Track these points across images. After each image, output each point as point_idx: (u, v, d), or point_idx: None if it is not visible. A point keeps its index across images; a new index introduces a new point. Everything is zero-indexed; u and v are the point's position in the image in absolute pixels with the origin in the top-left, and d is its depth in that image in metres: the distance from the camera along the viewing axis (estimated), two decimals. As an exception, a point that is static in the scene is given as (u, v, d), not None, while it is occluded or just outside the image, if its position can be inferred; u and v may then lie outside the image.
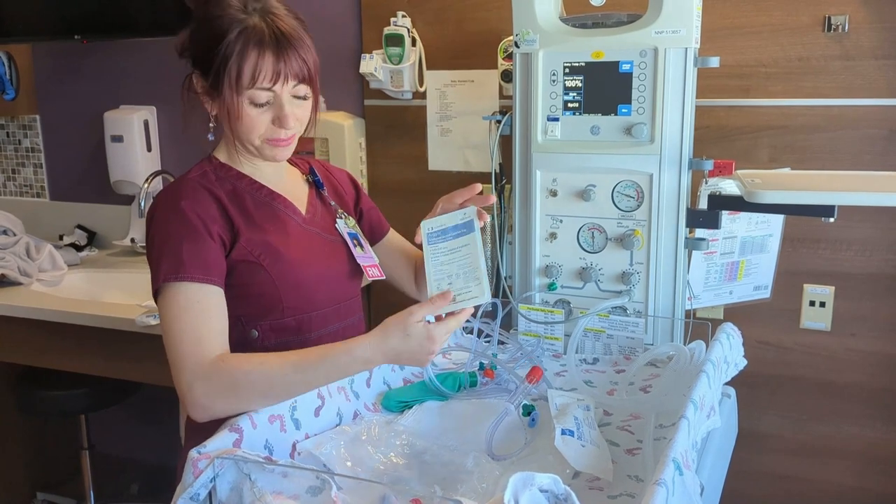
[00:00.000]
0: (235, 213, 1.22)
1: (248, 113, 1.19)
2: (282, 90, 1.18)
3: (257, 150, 1.23)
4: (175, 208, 1.18)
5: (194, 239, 1.16)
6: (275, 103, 1.19)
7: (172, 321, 1.12)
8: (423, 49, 2.08)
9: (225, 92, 1.17)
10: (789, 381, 1.93)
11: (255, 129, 1.20)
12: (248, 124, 1.19)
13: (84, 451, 2.45)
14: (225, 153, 1.29)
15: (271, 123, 1.20)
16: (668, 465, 0.90)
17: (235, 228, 1.21)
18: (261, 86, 1.17)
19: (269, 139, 1.21)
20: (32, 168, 2.71)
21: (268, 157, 1.24)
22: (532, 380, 1.30)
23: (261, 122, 1.20)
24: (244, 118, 1.19)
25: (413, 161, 2.16)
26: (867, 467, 1.90)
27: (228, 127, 1.22)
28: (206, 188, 1.22)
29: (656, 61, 1.51)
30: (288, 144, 1.24)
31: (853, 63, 1.76)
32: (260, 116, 1.19)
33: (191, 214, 1.17)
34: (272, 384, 1.07)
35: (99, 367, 2.01)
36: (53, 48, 2.56)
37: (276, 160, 1.26)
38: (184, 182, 1.23)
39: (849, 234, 1.82)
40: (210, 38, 1.17)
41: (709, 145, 1.84)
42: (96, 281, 2.29)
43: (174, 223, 1.17)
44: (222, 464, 0.94)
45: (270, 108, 1.20)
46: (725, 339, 1.35)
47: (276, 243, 1.23)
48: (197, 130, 1.26)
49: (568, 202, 1.62)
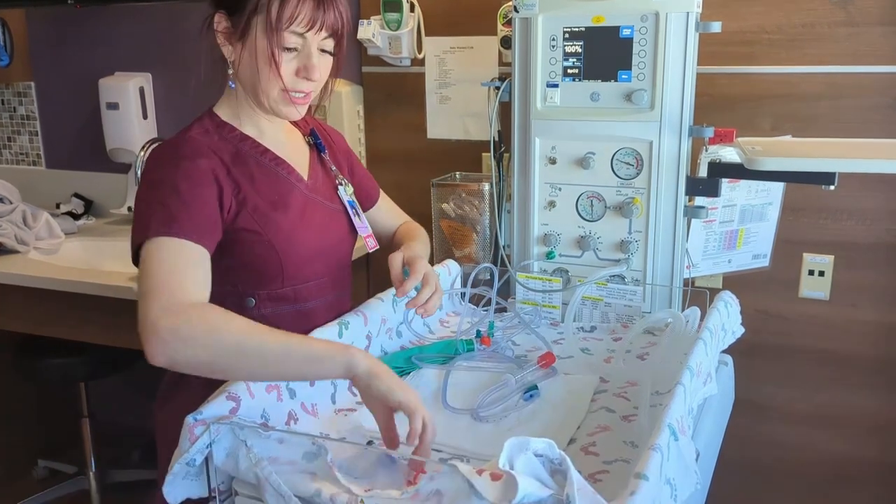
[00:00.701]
0: (241, 177, 1.18)
1: (276, 55, 1.14)
2: (313, 39, 1.15)
3: (272, 103, 1.18)
4: (180, 164, 1.12)
5: (196, 197, 1.11)
6: (302, 52, 1.16)
7: (148, 269, 1.03)
8: (421, 15, 2.05)
9: (254, 32, 1.13)
10: (787, 350, 1.93)
11: (279, 74, 1.15)
12: (275, 70, 1.15)
13: (84, 418, 2.46)
14: (227, 110, 1.24)
15: (294, 74, 1.16)
16: (663, 430, 0.90)
17: (242, 195, 1.17)
18: (295, 29, 1.13)
19: (290, 90, 1.17)
20: (28, 136, 2.69)
21: (281, 112, 1.20)
22: (543, 364, 1.29)
23: (284, 71, 1.15)
24: (273, 63, 1.14)
25: (412, 129, 2.14)
26: (865, 435, 1.91)
27: (253, 72, 1.16)
28: (210, 148, 1.17)
29: (657, 26, 1.49)
30: (305, 102, 1.20)
31: (858, 29, 1.73)
32: (285, 63, 1.15)
33: (198, 174, 1.12)
34: (235, 351, 0.97)
35: (97, 335, 2.01)
36: (47, 14, 2.53)
37: (288, 118, 1.22)
38: (187, 139, 1.17)
39: (849, 204, 1.81)
40: None
41: (710, 113, 1.82)
42: (93, 249, 2.29)
43: (178, 179, 1.11)
44: (218, 430, 0.95)
45: (297, 57, 1.16)
46: (723, 306, 1.35)
47: (280, 212, 1.20)
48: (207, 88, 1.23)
49: (567, 170, 1.61)
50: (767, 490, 2.03)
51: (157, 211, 1.08)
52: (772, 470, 2.01)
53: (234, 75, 1.20)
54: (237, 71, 1.19)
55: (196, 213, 1.10)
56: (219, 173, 1.15)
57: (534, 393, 1.20)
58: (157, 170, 1.14)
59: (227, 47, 1.18)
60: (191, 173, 1.12)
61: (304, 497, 0.90)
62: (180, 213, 1.08)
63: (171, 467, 0.95)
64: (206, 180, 1.13)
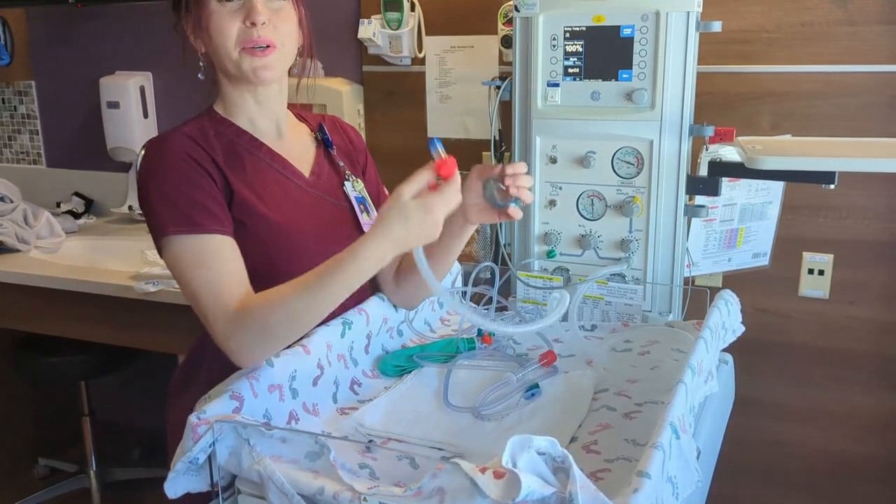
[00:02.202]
0: (230, 171, 1.18)
1: (216, 11, 1.14)
2: None
3: (237, 65, 1.17)
4: (169, 159, 1.13)
5: (195, 189, 1.12)
6: (245, 2, 1.16)
7: (188, 277, 1.09)
8: (421, 14, 2.06)
9: (193, 3, 1.15)
10: (788, 349, 1.93)
11: (227, 32, 1.15)
12: (219, 27, 1.14)
13: (84, 417, 2.47)
14: (222, 105, 1.25)
15: (243, 23, 1.15)
16: (665, 428, 0.91)
17: (231, 187, 1.17)
18: None
19: (245, 46, 1.16)
20: (29, 135, 2.69)
21: (248, 73, 1.18)
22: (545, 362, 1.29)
23: (230, 23, 1.15)
24: (214, 21, 1.14)
25: (412, 127, 2.15)
26: (865, 433, 1.92)
27: (208, 44, 1.17)
28: (198, 144, 1.17)
29: (658, 25, 1.49)
30: (266, 54, 1.16)
31: (857, 28, 1.73)
32: (228, 16, 1.15)
33: (188, 167, 1.13)
34: (296, 314, 1.03)
35: (98, 333, 2.02)
36: (48, 13, 2.53)
37: (258, 78, 1.18)
38: (176, 135, 1.18)
39: (848, 202, 1.82)
40: None
41: (710, 112, 1.82)
42: (94, 248, 2.29)
43: (171, 174, 1.12)
44: (221, 429, 0.95)
45: (241, 7, 1.15)
46: (724, 305, 1.35)
47: (266, 206, 1.19)
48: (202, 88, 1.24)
49: (567, 169, 1.61)
50: (768, 488, 2.03)
51: (163, 208, 1.10)
52: (772, 468, 2.02)
53: (210, 65, 1.22)
54: (211, 59, 1.21)
55: (202, 202, 1.11)
56: (206, 164, 1.15)
57: (535, 391, 1.21)
58: (151, 168, 1.14)
59: (196, 41, 1.20)
60: (181, 166, 1.13)
61: (307, 495, 0.90)
62: (187, 208, 1.10)
63: (173, 465, 0.96)
64: (198, 172, 1.14)
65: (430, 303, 1.54)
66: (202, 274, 1.09)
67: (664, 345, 1.40)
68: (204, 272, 1.09)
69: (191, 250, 1.10)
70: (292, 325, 1.04)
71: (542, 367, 1.28)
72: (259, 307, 1.05)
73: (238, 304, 1.07)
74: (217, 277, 1.09)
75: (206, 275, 1.08)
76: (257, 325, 1.04)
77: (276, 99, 1.27)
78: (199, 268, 1.09)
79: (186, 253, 1.10)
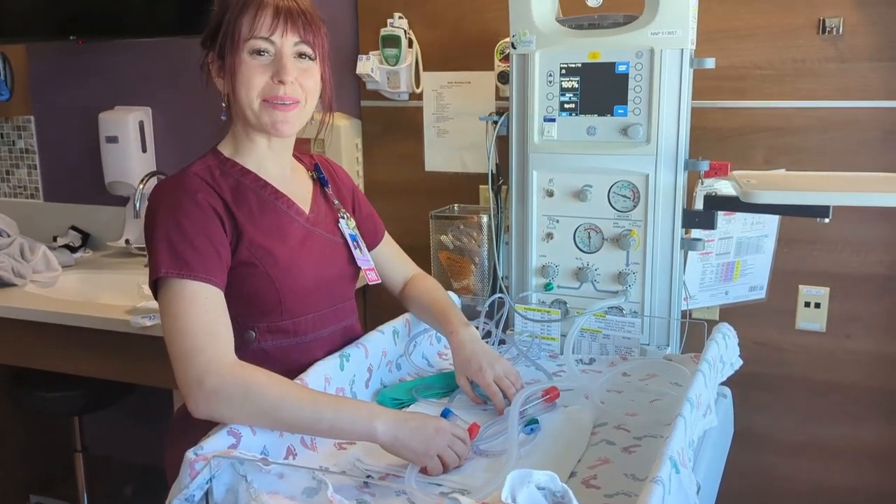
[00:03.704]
0: (238, 211, 1.19)
1: (246, 62, 1.17)
2: (282, 42, 1.18)
3: (257, 116, 1.20)
4: (181, 201, 1.15)
5: (200, 235, 1.13)
6: (274, 57, 1.19)
7: (178, 316, 1.09)
8: (419, 50, 2.08)
9: (227, 50, 1.18)
10: (785, 382, 1.93)
11: (253, 83, 1.18)
12: (246, 76, 1.17)
13: (77, 453, 2.43)
14: (231, 146, 1.26)
15: (270, 79, 1.19)
16: (664, 462, 0.90)
17: (239, 229, 1.18)
18: (259, 34, 1.17)
19: (268, 98, 1.19)
20: (27, 169, 2.70)
21: (267, 125, 1.20)
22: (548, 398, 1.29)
23: (259, 76, 1.18)
24: (242, 70, 1.17)
25: (409, 162, 2.16)
26: (863, 466, 1.91)
27: (231, 90, 1.20)
28: (208, 184, 1.19)
29: (652, 62, 1.51)
30: (288, 109, 1.20)
31: (848, 65, 1.76)
32: (258, 68, 1.18)
33: (198, 210, 1.14)
34: (282, 410, 1.04)
35: (93, 368, 2.00)
36: (49, 48, 2.56)
37: (276, 131, 1.21)
38: (187, 176, 1.19)
39: (843, 235, 1.83)
40: (220, 10, 1.20)
41: (705, 146, 1.84)
42: (90, 282, 2.28)
43: (180, 216, 1.13)
44: (219, 464, 0.94)
45: (271, 63, 1.19)
46: (721, 338, 1.35)
47: (277, 245, 1.21)
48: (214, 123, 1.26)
49: (564, 202, 1.63)
50: (767, 523, 2.01)
51: (166, 249, 1.12)
52: (772, 501, 2.00)
53: (228, 107, 1.24)
54: (230, 102, 1.23)
55: (203, 251, 1.13)
56: (217, 206, 1.17)
57: (535, 427, 1.20)
58: (160, 206, 1.16)
59: (219, 80, 1.23)
60: (191, 209, 1.15)
61: (306, 532, 0.90)
62: (189, 254, 1.11)
63: (169, 501, 0.95)
64: (207, 214, 1.15)
65: (427, 337, 1.54)
66: (195, 315, 1.09)
67: (663, 378, 1.40)
68: (196, 314, 1.09)
69: (184, 293, 1.10)
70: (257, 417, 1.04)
71: (544, 403, 1.27)
72: (258, 377, 1.06)
73: (234, 359, 1.08)
74: (207, 323, 1.09)
75: (199, 318, 1.09)
76: (244, 388, 1.04)
77: (288, 147, 1.30)
78: (191, 308, 1.09)
79: (180, 295, 1.10)
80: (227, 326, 1.12)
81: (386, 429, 1.05)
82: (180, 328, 1.08)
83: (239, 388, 1.04)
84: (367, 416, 1.06)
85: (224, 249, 1.16)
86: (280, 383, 1.07)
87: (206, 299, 1.11)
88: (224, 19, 1.19)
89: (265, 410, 1.04)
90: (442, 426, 1.09)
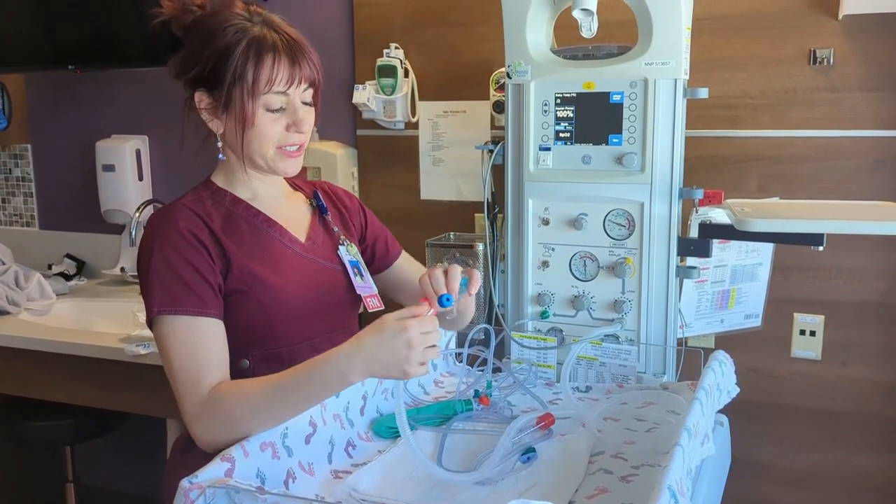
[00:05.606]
0: (228, 241, 1.20)
1: (263, 119, 1.19)
2: (295, 93, 1.20)
3: (270, 162, 1.22)
4: (168, 235, 1.17)
5: (188, 268, 1.15)
6: (288, 108, 1.20)
7: (170, 356, 1.13)
8: (415, 80, 2.10)
9: (238, 101, 1.17)
10: (781, 409, 1.93)
11: (269, 136, 1.20)
12: (263, 131, 1.19)
13: (69, 483, 2.41)
14: (223, 177, 1.28)
15: (285, 130, 1.21)
16: (663, 492, 0.90)
17: (228, 257, 1.19)
18: (277, 89, 1.17)
19: (282, 146, 1.21)
20: (23, 197, 2.70)
21: (279, 170, 1.23)
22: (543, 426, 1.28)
23: (275, 129, 1.20)
24: (259, 125, 1.18)
25: (405, 190, 2.17)
26: (860, 494, 1.90)
27: (240, 140, 1.20)
28: (196, 214, 1.20)
29: (646, 92, 1.53)
30: (299, 155, 1.24)
31: (839, 95, 1.79)
32: (274, 122, 1.20)
33: (184, 242, 1.16)
34: (260, 410, 1.06)
35: (87, 396, 1.99)
36: (46, 78, 2.57)
37: (286, 173, 1.25)
38: (177, 208, 1.21)
39: (838, 263, 1.84)
40: (217, 52, 1.17)
41: (699, 175, 1.86)
42: (85, 310, 2.28)
43: (168, 250, 1.15)
44: (214, 493, 0.93)
45: (283, 114, 1.20)
46: (718, 366, 1.35)
47: (268, 273, 1.22)
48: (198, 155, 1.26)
49: (560, 230, 1.63)
50: (766, 553, 2.00)
51: (156, 286, 1.14)
52: (770, 533, 1.98)
53: (225, 146, 1.25)
54: (227, 141, 1.24)
55: (193, 284, 1.14)
56: (201, 235, 1.18)
57: (531, 455, 1.19)
58: (148, 241, 1.18)
59: (214, 121, 1.23)
60: (177, 241, 1.16)
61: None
62: (178, 289, 1.13)
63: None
64: (191, 244, 1.17)
65: (424, 364, 1.53)
66: (184, 354, 1.12)
67: (660, 406, 1.40)
68: (186, 353, 1.12)
69: (175, 330, 1.13)
70: (256, 420, 1.06)
71: (539, 431, 1.27)
72: (227, 397, 1.08)
73: (209, 391, 1.10)
74: (195, 360, 1.12)
75: (187, 356, 1.12)
76: (222, 412, 1.07)
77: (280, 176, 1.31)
78: (182, 348, 1.12)
79: (172, 332, 1.13)
80: (211, 357, 1.13)
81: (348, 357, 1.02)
82: (176, 366, 1.12)
83: (218, 415, 1.07)
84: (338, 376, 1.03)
85: (213, 276, 1.17)
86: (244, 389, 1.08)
87: (193, 335, 1.13)
88: (233, 64, 1.16)
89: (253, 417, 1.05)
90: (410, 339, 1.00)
